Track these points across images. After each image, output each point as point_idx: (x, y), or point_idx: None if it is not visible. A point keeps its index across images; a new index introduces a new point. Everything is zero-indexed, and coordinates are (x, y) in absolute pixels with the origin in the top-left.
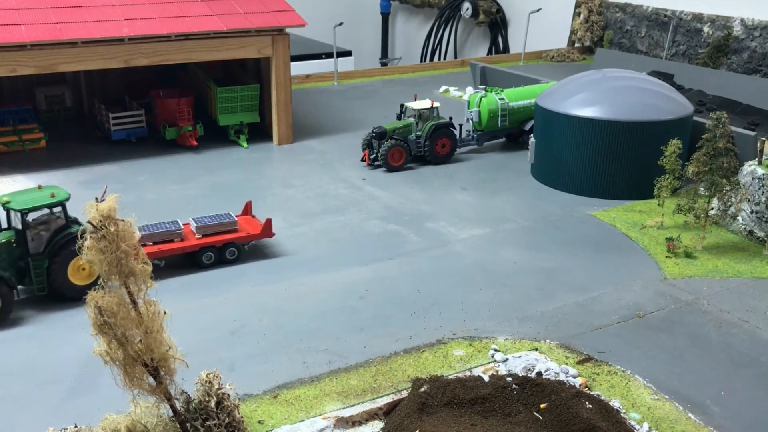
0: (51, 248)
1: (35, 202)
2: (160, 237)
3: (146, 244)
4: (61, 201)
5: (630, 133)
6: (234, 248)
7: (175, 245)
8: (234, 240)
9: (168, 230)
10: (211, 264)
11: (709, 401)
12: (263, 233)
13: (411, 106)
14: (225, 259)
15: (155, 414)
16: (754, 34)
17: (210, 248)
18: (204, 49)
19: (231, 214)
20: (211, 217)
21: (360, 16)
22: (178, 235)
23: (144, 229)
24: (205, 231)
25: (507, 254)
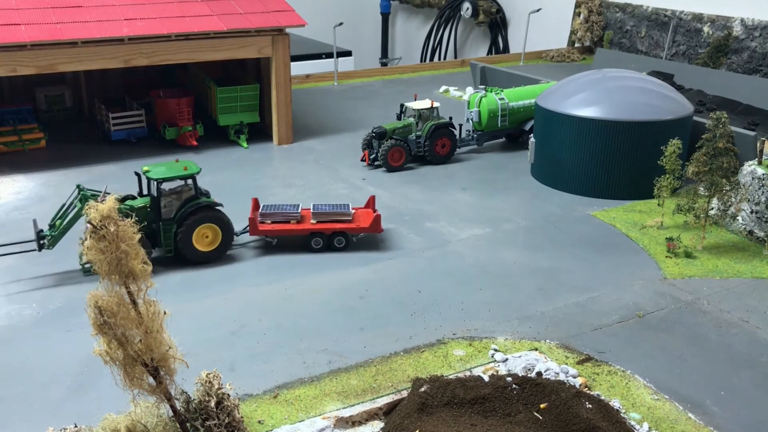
0: (180, 215)
1: (169, 173)
2: (278, 217)
3: (265, 222)
4: (192, 174)
5: (630, 133)
6: (342, 237)
7: (288, 226)
8: (343, 230)
9: (287, 212)
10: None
11: (709, 401)
12: (371, 228)
13: (411, 106)
14: (333, 246)
15: (155, 414)
16: (754, 34)
17: (319, 234)
18: (204, 49)
19: (349, 206)
20: (329, 206)
21: (360, 16)
22: (295, 218)
23: (266, 208)
24: (319, 217)
25: (507, 254)
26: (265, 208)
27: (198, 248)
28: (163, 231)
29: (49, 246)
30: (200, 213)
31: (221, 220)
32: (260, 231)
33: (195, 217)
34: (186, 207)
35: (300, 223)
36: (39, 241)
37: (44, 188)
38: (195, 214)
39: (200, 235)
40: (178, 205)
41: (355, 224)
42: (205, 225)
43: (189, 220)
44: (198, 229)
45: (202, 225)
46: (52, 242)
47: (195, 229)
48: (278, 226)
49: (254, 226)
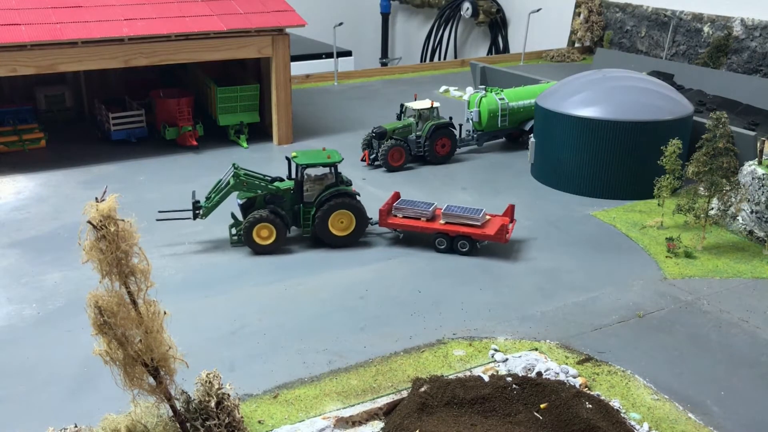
0: (319, 200)
1: (313, 159)
2: (410, 212)
3: (396, 216)
4: (333, 162)
5: (630, 133)
6: (465, 241)
7: (415, 222)
8: (467, 234)
9: (419, 209)
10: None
11: (709, 401)
12: (496, 236)
13: (411, 106)
14: (457, 249)
15: (155, 414)
16: (754, 34)
17: (444, 235)
18: (204, 49)
19: (481, 211)
20: (461, 209)
21: (360, 16)
22: (426, 216)
23: (402, 203)
24: (448, 219)
25: (507, 254)
26: (400, 202)
27: (333, 232)
28: (303, 213)
29: (203, 216)
30: (338, 199)
31: (356, 208)
32: (388, 223)
33: (332, 202)
34: (325, 192)
35: (429, 222)
36: (195, 211)
37: (44, 188)
38: (332, 200)
39: (336, 220)
40: (320, 190)
41: (479, 230)
42: (340, 211)
43: (326, 205)
44: (334, 214)
45: (338, 210)
46: (206, 213)
47: (331, 213)
48: (406, 221)
49: (383, 218)
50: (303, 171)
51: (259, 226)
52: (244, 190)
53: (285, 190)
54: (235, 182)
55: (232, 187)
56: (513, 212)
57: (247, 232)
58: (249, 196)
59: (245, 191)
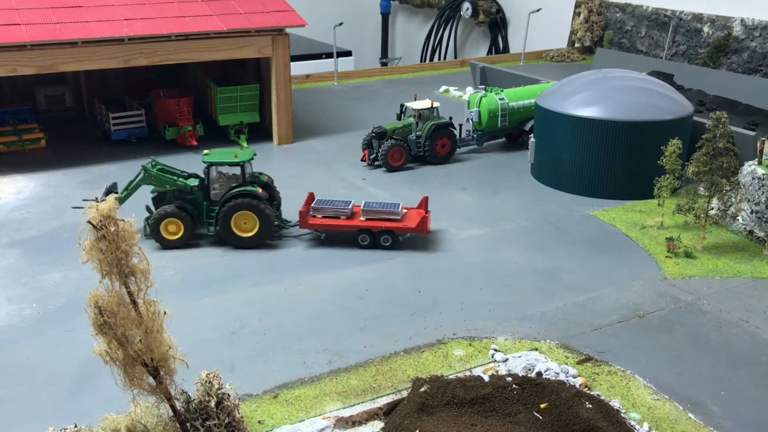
0: (224, 199)
1: (219, 158)
2: (329, 212)
3: (315, 216)
4: (240, 162)
5: (630, 133)
6: (389, 236)
7: (336, 222)
8: (389, 228)
9: (338, 208)
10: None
11: (709, 401)
12: (417, 228)
13: (411, 106)
14: (380, 245)
15: (155, 414)
16: (754, 34)
17: (367, 231)
18: (204, 49)
19: (399, 205)
20: (380, 204)
21: (360, 16)
22: (345, 214)
23: (318, 203)
24: (368, 215)
25: (507, 254)
26: (317, 202)
27: (236, 232)
28: (207, 211)
29: None
30: (239, 199)
31: (258, 209)
32: (309, 225)
33: (231, 203)
34: (231, 191)
35: (349, 220)
36: None
37: (44, 188)
38: (234, 200)
39: (239, 220)
40: (226, 189)
41: (402, 224)
42: (243, 212)
43: (226, 206)
44: (237, 215)
45: (241, 211)
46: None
47: (233, 213)
48: (327, 221)
49: (304, 220)
50: (208, 169)
51: (166, 221)
52: (153, 184)
53: (192, 187)
54: (144, 176)
55: (141, 181)
56: (427, 204)
57: (155, 226)
58: (160, 191)
59: (155, 185)
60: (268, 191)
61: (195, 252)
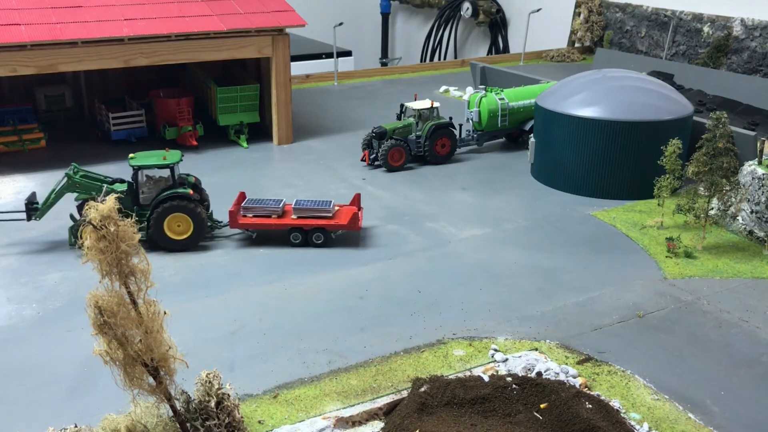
0: (155, 202)
1: (147, 161)
2: (260, 211)
3: (246, 216)
4: (169, 164)
5: (630, 133)
6: (320, 233)
7: (267, 221)
8: (321, 226)
9: (269, 206)
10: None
11: (709, 401)
12: (349, 225)
13: (411, 106)
14: (312, 242)
15: (155, 414)
16: (754, 34)
17: (299, 230)
18: (204, 49)
19: (330, 202)
20: (311, 202)
21: (360, 16)
22: (276, 213)
23: (249, 202)
24: (300, 213)
25: (507, 254)
26: (248, 201)
27: (169, 235)
28: (138, 216)
29: (38, 217)
30: (172, 202)
31: (191, 211)
32: (239, 224)
33: (166, 205)
34: (161, 195)
35: (280, 218)
36: (29, 212)
37: (44, 188)
38: (166, 202)
39: (173, 223)
40: (156, 192)
41: (333, 221)
42: (175, 214)
43: (160, 207)
44: (170, 217)
45: (173, 214)
46: (40, 214)
47: (165, 216)
48: (257, 220)
49: (233, 219)
50: (137, 173)
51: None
52: (77, 191)
53: (120, 192)
54: (68, 183)
55: (65, 188)
56: (359, 201)
57: (75, 234)
58: (85, 198)
59: (80, 192)
60: (197, 192)
61: (195, 252)
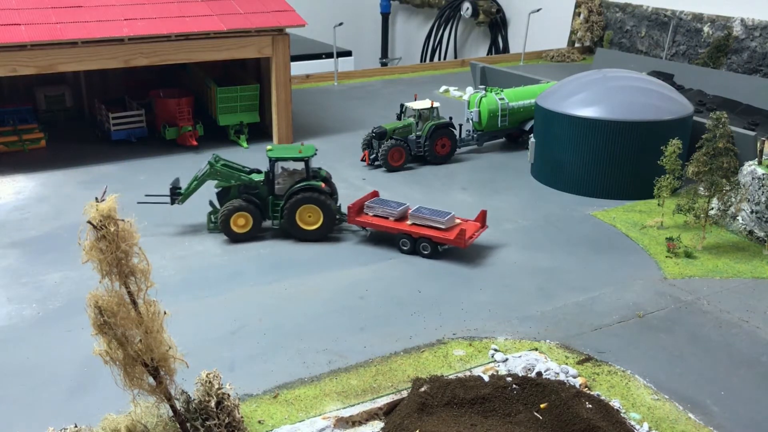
0: (287, 193)
1: (284, 153)
2: (380, 211)
3: (367, 214)
4: (304, 157)
5: (630, 133)
6: (427, 244)
7: (381, 221)
8: (428, 236)
9: (389, 208)
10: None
11: (709, 401)
12: (455, 240)
13: (411, 106)
14: (419, 252)
15: (155, 414)
16: (754, 34)
17: (408, 236)
18: (204, 49)
19: (449, 214)
20: (431, 211)
21: (360, 16)
22: (394, 216)
23: (375, 201)
24: (415, 220)
25: (507, 254)
26: (375, 201)
27: (301, 226)
28: (272, 205)
29: (180, 201)
30: (305, 193)
31: (322, 203)
32: (356, 221)
33: (299, 196)
34: (295, 186)
35: (396, 222)
36: (173, 196)
37: (44, 188)
38: (299, 194)
39: (304, 213)
40: (291, 183)
41: (441, 233)
42: (307, 205)
43: (293, 198)
44: (301, 208)
45: (305, 205)
46: (183, 199)
47: (298, 207)
48: (373, 219)
49: (351, 215)
50: (274, 164)
51: (236, 215)
52: (218, 179)
53: (258, 182)
54: (210, 171)
55: (206, 176)
56: (484, 218)
57: (225, 220)
58: (224, 185)
59: (220, 180)
60: (328, 185)
61: (195, 252)
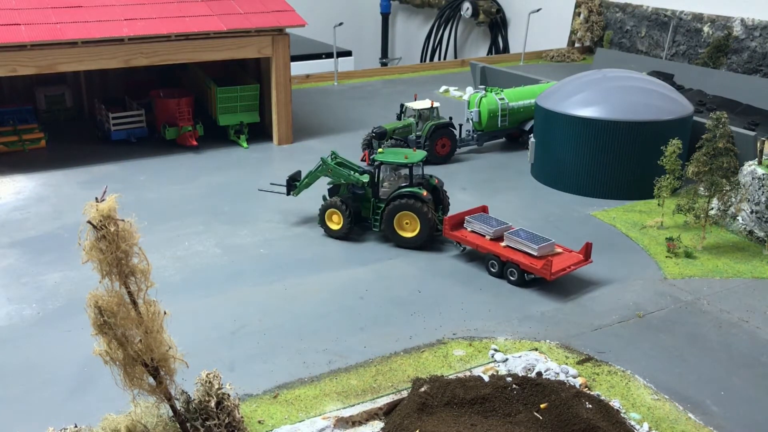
0: (389, 197)
1: (390, 158)
2: (477, 227)
3: (465, 228)
4: (408, 163)
5: (630, 133)
6: (514, 269)
7: (474, 238)
8: (516, 262)
9: (486, 226)
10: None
11: (709, 401)
12: (540, 270)
13: (411, 106)
14: (506, 277)
15: (155, 414)
16: (754, 34)
17: (497, 258)
18: (204, 49)
19: (549, 241)
20: (529, 235)
21: (360, 16)
22: (490, 235)
23: (479, 218)
24: (509, 242)
25: None
26: (476, 216)
27: (397, 231)
28: (374, 207)
29: (295, 194)
30: (402, 200)
31: (418, 210)
32: (449, 234)
33: (396, 202)
34: (396, 191)
35: (491, 242)
36: (289, 187)
37: (44, 188)
38: (397, 200)
39: (402, 220)
40: (394, 188)
41: (529, 260)
42: (405, 212)
43: (391, 204)
44: (399, 214)
45: (403, 211)
46: (297, 192)
47: (396, 213)
48: (467, 235)
49: (446, 228)
50: (378, 168)
51: (329, 211)
52: (329, 176)
53: (364, 183)
54: (322, 167)
55: (319, 171)
56: (589, 251)
57: (321, 215)
58: (336, 182)
59: (331, 177)
60: (435, 195)
61: (195, 252)
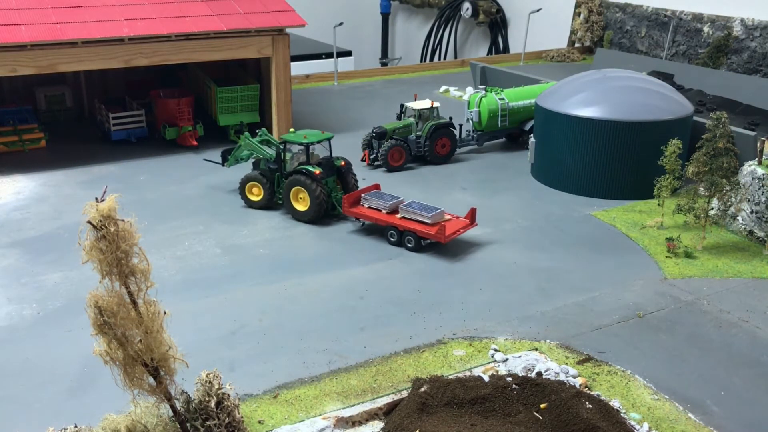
0: (287, 173)
1: (291, 138)
2: (373, 203)
3: (362, 205)
4: (306, 143)
5: (630, 133)
6: (411, 237)
7: (373, 213)
8: (411, 230)
9: (383, 201)
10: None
11: (709, 401)
12: (434, 235)
13: (411, 106)
14: (404, 245)
15: (155, 414)
16: (754, 34)
17: (395, 229)
18: (204, 49)
19: (437, 210)
20: (421, 206)
21: (360, 16)
22: (386, 209)
23: (374, 194)
24: (404, 213)
25: (507, 254)
26: (372, 194)
27: (294, 205)
28: (278, 181)
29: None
30: (295, 175)
31: (307, 186)
32: (349, 211)
33: (291, 177)
34: (293, 168)
35: (387, 215)
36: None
37: (44, 188)
38: (292, 175)
39: (296, 194)
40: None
41: (424, 227)
42: (297, 187)
43: (291, 179)
44: (294, 189)
45: (296, 186)
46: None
47: (291, 187)
48: (366, 211)
49: (345, 205)
50: (284, 145)
51: (250, 183)
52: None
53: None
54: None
55: (242, 144)
56: (474, 215)
57: (241, 188)
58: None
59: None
60: (341, 176)
61: (195, 252)
